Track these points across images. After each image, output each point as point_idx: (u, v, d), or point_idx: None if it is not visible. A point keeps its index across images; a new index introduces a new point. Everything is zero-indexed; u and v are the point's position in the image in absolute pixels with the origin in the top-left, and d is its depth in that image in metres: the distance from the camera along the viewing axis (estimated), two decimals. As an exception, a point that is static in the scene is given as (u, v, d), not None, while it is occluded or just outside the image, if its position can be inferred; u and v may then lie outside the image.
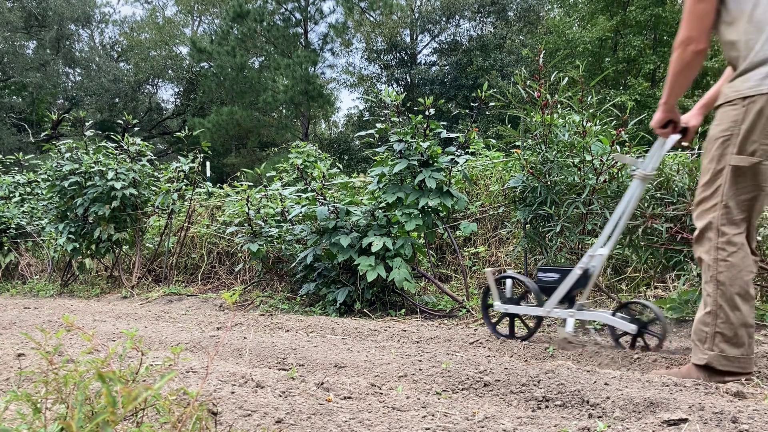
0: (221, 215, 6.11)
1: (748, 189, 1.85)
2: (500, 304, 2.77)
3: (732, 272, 1.85)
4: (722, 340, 1.83)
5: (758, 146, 1.81)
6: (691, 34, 1.91)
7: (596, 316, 2.54)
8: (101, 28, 31.57)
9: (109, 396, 0.82)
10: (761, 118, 1.79)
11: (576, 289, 2.50)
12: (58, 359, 1.07)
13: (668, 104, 2.08)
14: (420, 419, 1.42)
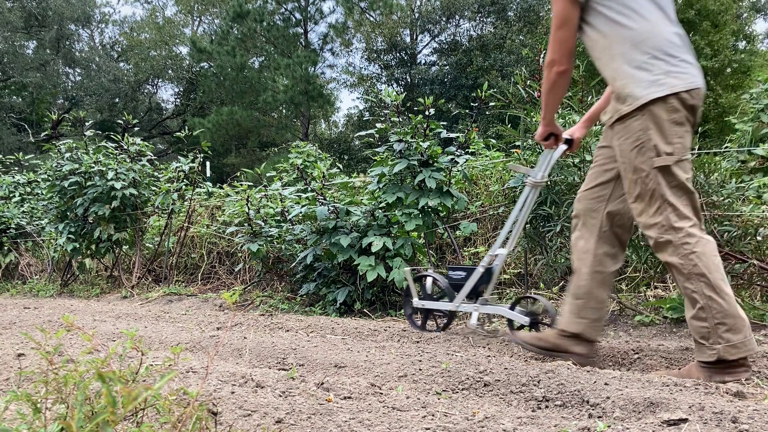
0: (221, 215, 6.11)
1: (678, 184, 1.93)
2: (417, 300, 3.04)
3: (705, 261, 1.88)
4: (725, 330, 1.84)
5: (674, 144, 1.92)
6: (554, 57, 2.08)
7: (497, 310, 2.77)
8: (101, 28, 31.58)
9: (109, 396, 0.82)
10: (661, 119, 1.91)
11: (481, 285, 2.75)
12: (58, 359, 1.07)
13: (546, 119, 2.29)
14: (420, 419, 1.42)
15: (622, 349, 2.43)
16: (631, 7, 1.98)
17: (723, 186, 2.88)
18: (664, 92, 1.90)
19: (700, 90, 1.95)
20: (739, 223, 2.80)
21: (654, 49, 1.94)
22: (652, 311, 3.13)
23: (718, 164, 2.97)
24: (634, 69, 1.95)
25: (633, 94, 1.95)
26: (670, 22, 2.01)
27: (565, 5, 2.03)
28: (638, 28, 1.96)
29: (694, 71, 1.96)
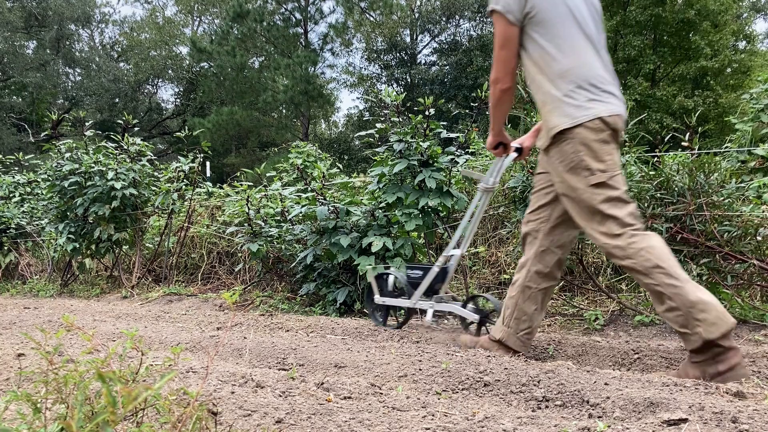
0: (221, 215, 6.11)
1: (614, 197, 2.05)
2: (379, 297, 3.19)
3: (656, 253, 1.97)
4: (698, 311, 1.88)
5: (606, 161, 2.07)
6: (497, 76, 2.22)
7: (450, 307, 2.89)
8: (101, 28, 31.58)
9: (109, 396, 0.82)
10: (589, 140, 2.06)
11: (436, 283, 2.90)
12: (58, 359, 1.07)
13: (495, 130, 2.43)
14: (420, 419, 1.42)
15: (622, 349, 2.43)
16: (561, 37, 2.12)
17: (723, 186, 2.88)
18: (589, 117, 2.05)
19: (621, 116, 2.10)
20: (739, 223, 2.79)
21: (579, 79, 2.08)
22: (652, 311, 3.13)
23: (718, 164, 2.96)
24: (561, 96, 2.09)
25: (560, 119, 2.09)
26: (597, 55, 2.15)
27: (505, 27, 2.16)
28: (565, 60, 2.10)
29: (615, 101, 2.11)
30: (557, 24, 2.12)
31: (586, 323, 3.18)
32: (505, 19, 2.15)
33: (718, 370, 1.87)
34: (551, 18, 2.12)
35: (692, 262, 2.86)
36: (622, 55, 19.22)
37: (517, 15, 2.14)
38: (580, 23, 2.14)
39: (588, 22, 2.17)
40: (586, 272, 3.46)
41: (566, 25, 2.13)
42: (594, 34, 2.17)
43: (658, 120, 17.38)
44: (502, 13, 2.15)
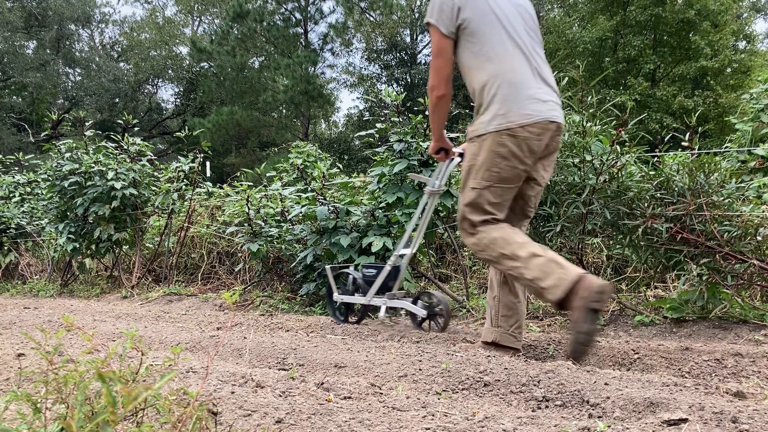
0: (221, 215, 6.11)
1: (492, 206, 2.28)
2: (338, 294, 3.34)
3: (492, 244, 2.23)
4: (552, 285, 2.05)
5: (491, 173, 2.25)
6: (433, 83, 2.36)
7: (401, 304, 3.06)
8: (101, 28, 31.59)
9: (109, 396, 0.82)
10: (490, 150, 2.23)
11: (389, 281, 3.08)
12: (58, 359, 1.07)
13: (435, 136, 2.57)
14: (420, 419, 1.42)
15: (622, 349, 2.43)
16: (491, 46, 2.25)
17: (723, 186, 2.88)
18: (497, 127, 2.21)
19: (539, 123, 2.21)
20: (739, 223, 2.79)
21: (498, 90, 2.21)
22: (652, 311, 3.13)
23: (718, 164, 2.96)
24: (486, 103, 2.24)
25: (477, 125, 2.27)
26: (527, 63, 2.26)
27: (439, 38, 2.30)
28: (492, 68, 2.23)
29: (537, 107, 2.21)
30: (487, 34, 2.25)
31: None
32: (439, 32, 2.29)
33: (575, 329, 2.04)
34: (481, 28, 2.26)
35: (692, 262, 2.86)
36: (622, 55, 19.22)
37: (450, 27, 2.28)
38: (510, 33, 2.27)
39: (519, 31, 2.29)
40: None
41: (495, 35, 2.25)
42: (525, 43, 2.29)
43: (658, 120, 17.38)
44: (436, 26, 2.30)
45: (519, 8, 2.35)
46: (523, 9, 2.38)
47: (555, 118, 2.26)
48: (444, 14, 2.29)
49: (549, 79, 2.31)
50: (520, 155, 2.22)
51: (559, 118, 2.29)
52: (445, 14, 2.29)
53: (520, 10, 2.35)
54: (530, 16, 2.39)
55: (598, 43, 19.58)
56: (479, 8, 2.27)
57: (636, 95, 17.72)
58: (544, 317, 3.40)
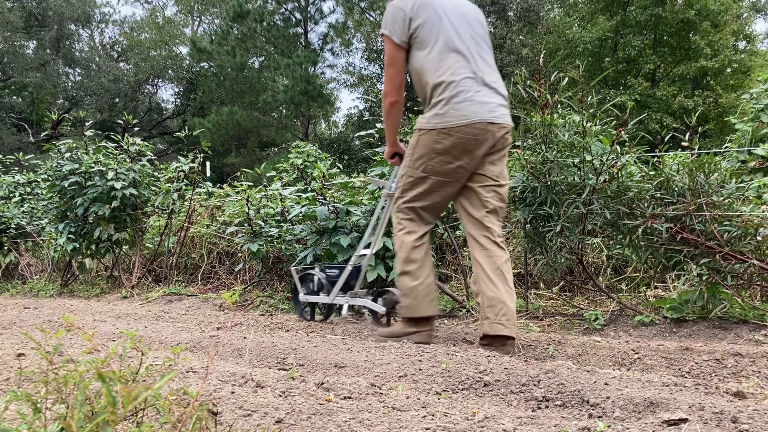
0: (221, 215, 6.11)
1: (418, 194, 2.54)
2: (303, 294, 3.48)
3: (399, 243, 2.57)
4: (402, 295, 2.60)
5: (426, 164, 2.47)
6: (386, 90, 2.56)
7: (362, 302, 3.22)
8: (101, 28, 31.59)
9: (109, 396, 0.82)
10: (426, 145, 2.45)
11: (351, 281, 3.23)
12: (58, 359, 1.07)
13: (390, 141, 2.72)
14: (420, 419, 1.42)
15: (622, 349, 2.43)
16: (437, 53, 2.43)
17: (723, 186, 2.88)
18: (435, 126, 2.41)
19: (476, 124, 2.38)
20: (739, 223, 2.79)
21: (441, 91, 2.40)
22: (652, 311, 3.13)
23: (718, 164, 2.96)
24: (430, 103, 2.45)
25: (420, 120, 2.49)
26: (470, 69, 2.43)
27: (393, 48, 2.51)
28: (437, 74, 2.41)
29: (475, 108, 2.38)
30: (435, 42, 2.44)
31: (586, 323, 3.18)
32: (392, 42, 2.50)
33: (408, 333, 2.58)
34: (430, 37, 2.44)
35: (692, 262, 2.86)
36: (622, 55, 19.22)
37: (402, 37, 2.48)
38: (456, 42, 2.44)
39: (466, 40, 2.47)
40: (586, 272, 3.46)
41: (442, 43, 2.43)
42: (471, 50, 2.46)
43: (658, 120, 17.38)
44: (389, 37, 2.50)
45: (467, 17, 2.53)
46: (472, 17, 2.56)
47: (494, 119, 2.42)
48: (396, 25, 2.48)
49: (492, 83, 2.47)
50: (454, 153, 2.42)
51: (500, 119, 2.44)
52: (398, 25, 2.48)
53: (468, 19, 2.53)
54: (479, 24, 2.57)
55: (598, 43, 19.59)
56: (429, 18, 2.45)
57: (636, 95, 17.72)
58: (544, 317, 3.40)
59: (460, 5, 2.57)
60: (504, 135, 2.47)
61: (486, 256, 2.45)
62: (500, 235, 2.53)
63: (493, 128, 2.41)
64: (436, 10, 2.47)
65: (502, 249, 2.49)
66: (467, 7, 2.59)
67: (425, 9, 2.47)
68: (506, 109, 2.50)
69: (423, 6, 2.47)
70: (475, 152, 2.43)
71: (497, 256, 2.46)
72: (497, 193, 2.53)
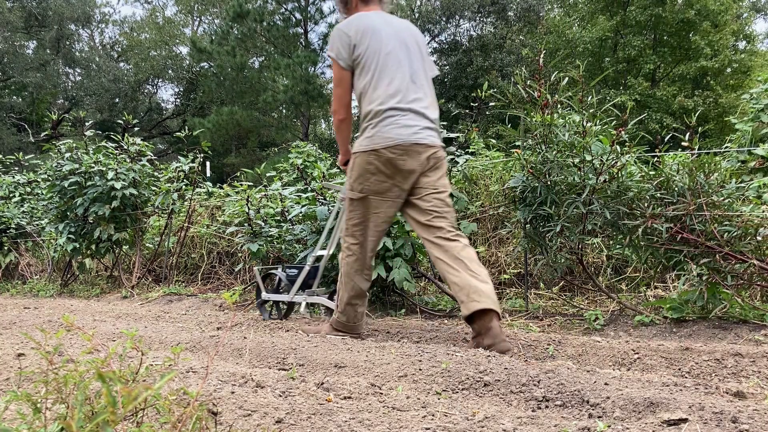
0: (221, 215, 6.11)
1: (360, 215, 2.71)
2: (265, 293, 3.65)
3: (346, 269, 2.75)
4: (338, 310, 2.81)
5: (363, 185, 2.65)
6: (335, 108, 2.75)
7: (320, 300, 3.38)
8: (101, 28, 31.58)
9: (109, 396, 0.82)
10: (360, 166, 2.64)
11: (309, 280, 3.42)
12: (58, 359, 1.07)
13: (342, 150, 2.89)
14: (420, 419, 1.42)
15: (622, 349, 2.43)
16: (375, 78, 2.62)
17: (723, 186, 2.88)
18: (365, 148, 2.61)
19: (401, 146, 2.57)
20: (739, 223, 2.79)
21: (373, 116, 2.59)
22: (652, 311, 3.13)
23: (718, 164, 2.96)
24: (364, 125, 2.65)
25: (356, 144, 2.68)
26: (402, 95, 2.60)
27: (339, 70, 2.69)
28: (373, 97, 2.61)
29: (399, 132, 2.57)
30: (373, 68, 2.62)
31: (586, 323, 3.18)
32: (339, 65, 2.67)
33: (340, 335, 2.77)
34: (369, 63, 2.62)
35: (692, 262, 2.86)
36: (622, 55, 19.21)
37: (347, 61, 2.66)
38: (391, 68, 2.62)
39: (402, 66, 2.65)
40: (586, 272, 3.46)
41: (378, 69, 2.61)
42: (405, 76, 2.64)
43: (658, 120, 17.38)
44: (336, 60, 2.67)
45: (407, 43, 2.71)
46: (412, 42, 2.73)
47: (420, 140, 2.60)
48: (342, 49, 2.66)
49: (421, 109, 2.64)
50: (386, 172, 2.61)
51: (425, 139, 2.62)
52: (343, 49, 2.66)
53: (408, 44, 2.71)
54: (417, 49, 2.74)
55: (598, 43, 19.58)
56: (370, 46, 2.63)
57: (636, 95, 17.71)
58: (544, 317, 3.40)
59: (400, 30, 2.74)
60: (433, 154, 2.65)
61: (442, 251, 2.58)
62: (453, 229, 2.65)
63: (418, 148, 2.60)
64: (377, 37, 2.65)
65: (456, 240, 2.60)
66: (407, 32, 2.76)
67: (367, 35, 2.64)
68: (432, 131, 2.67)
69: (365, 32, 2.64)
70: (405, 171, 2.61)
71: (452, 247, 2.58)
72: (438, 199, 2.67)
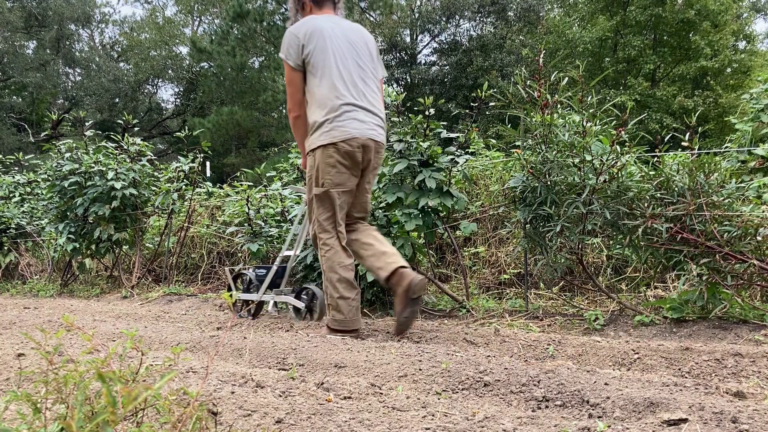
0: (221, 215, 6.11)
1: (328, 208, 2.83)
2: (236, 293, 3.82)
3: (328, 264, 2.82)
4: (333, 309, 2.82)
5: (323, 178, 2.78)
6: (289, 107, 2.89)
7: (286, 298, 3.50)
8: (101, 28, 31.56)
9: (109, 396, 0.82)
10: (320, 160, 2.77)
11: (277, 279, 3.58)
12: (58, 359, 1.07)
13: (302, 151, 3.00)
14: (420, 419, 1.42)
15: (622, 349, 2.43)
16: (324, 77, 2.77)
17: (723, 186, 2.88)
18: (324, 142, 2.75)
19: (358, 139, 2.76)
20: (739, 223, 2.79)
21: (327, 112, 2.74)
22: (652, 311, 3.13)
23: (718, 164, 2.96)
24: (315, 123, 2.78)
25: (311, 141, 2.82)
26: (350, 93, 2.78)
27: (290, 70, 2.83)
28: (320, 96, 2.77)
29: (356, 126, 2.75)
30: (323, 68, 2.77)
31: (586, 323, 3.18)
32: (289, 65, 2.82)
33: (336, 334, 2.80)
34: (319, 63, 2.77)
35: (692, 262, 2.86)
36: (622, 55, 19.21)
37: (297, 61, 2.81)
38: (340, 69, 2.78)
39: (350, 67, 2.81)
40: (586, 272, 3.46)
41: (326, 70, 2.77)
42: (353, 76, 2.81)
43: (658, 120, 17.37)
44: (286, 60, 2.82)
45: (355, 44, 2.88)
46: (360, 44, 2.90)
47: (374, 136, 2.81)
48: (292, 50, 2.80)
49: (371, 106, 2.83)
50: (346, 164, 2.77)
51: (378, 137, 2.84)
52: (293, 50, 2.80)
53: (356, 47, 2.87)
54: (366, 50, 2.92)
55: (598, 43, 19.57)
56: (318, 46, 2.78)
57: (636, 95, 17.71)
58: (544, 317, 3.40)
59: (349, 32, 2.91)
60: (381, 152, 2.91)
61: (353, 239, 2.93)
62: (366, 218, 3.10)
63: (371, 143, 2.81)
64: (325, 39, 2.80)
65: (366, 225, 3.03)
66: (356, 34, 2.94)
67: (315, 37, 2.79)
68: (382, 129, 2.89)
69: (313, 34, 2.79)
70: (360, 163, 2.82)
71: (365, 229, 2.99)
72: (367, 194, 3.02)
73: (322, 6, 3.01)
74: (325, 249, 2.85)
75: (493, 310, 3.61)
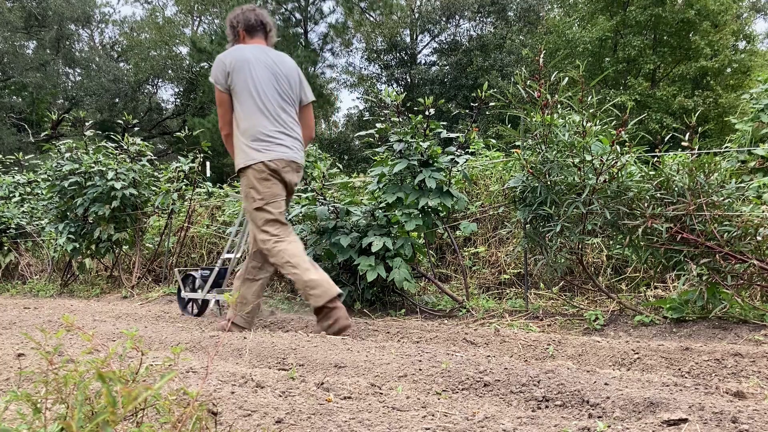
0: (221, 215, 6.11)
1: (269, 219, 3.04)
2: (185, 292, 4.00)
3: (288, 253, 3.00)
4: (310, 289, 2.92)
5: (259, 192, 3.03)
6: (220, 125, 3.18)
7: (220, 297, 3.69)
8: (101, 28, 31.54)
9: (109, 396, 0.82)
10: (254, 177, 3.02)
11: (219, 279, 3.79)
12: (58, 359, 1.07)
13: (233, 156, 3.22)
14: (420, 419, 1.42)
15: (622, 349, 2.43)
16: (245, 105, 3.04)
17: (723, 186, 2.88)
18: (253, 161, 3.00)
19: (282, 159, 3.04)
20: (739, 223, 2.79)
21: (252, 137, 3.01)
22: (652, 311, 3.13)
23: (718, 164, 2.96)
24: (242, 146, 3.05)
25: (239, 161, 3.07)
26: (268, 119, 3.04)
27: (219, 93, 3.10)
28: (244, 122, 3.04)
29: (280, 149, 3.04)
30: (244, 96, 3.03)
31: (586, 323, 3.18)
32: (218, 88, 3.08)
33: (328, 324, 2.86)
34: (242, 91, 3.03)
35: (692, 262, 2.86)
36: (622, 55, 19.20)
37: (224, 85, 3.07)
38: (260, 96, 3.03)
39: (270, 96, 3.05)
40: (586, 272, 3.46)
41: (248, 97, 3.03)
42: (273, 104, 3.05)
43: (658, 120, 17.37)
44: (215, 84, 3.08)
45: (276, 75, 3.10)
46: (282, 74, 3.12)
47: (294, 158, 3.10)
48: (219, 75, 3.06)
49: (290, 131, 3.11)
50: (275, 178, 3.04)
51: (297, 159, 3.12)
52: (221, 75, 3.06)
53: (277, 76, 3.10)
54: (286, 81, 3.13)
55: (598, 43, 19.56)
56: (241, 76, 3.03)
57: (636, 95, 17.71)
58: (544, 317, 3.40)
59: (272, 62, 3.12)
60: (297, 173, 3.17)
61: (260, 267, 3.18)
62: None
63: (295, 166, 3.12)
64: (249, 69, 3.03)
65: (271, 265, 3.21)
66: (279, 65, 3.14)
67: (239, 65, 3.03)
68: (301, 153, 3.17)
69: (238, 62, 3.04)
70: (284, 181, 3.08)
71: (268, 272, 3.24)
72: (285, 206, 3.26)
73: (254, 35, 3.24)
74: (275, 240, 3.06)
75: (493, 310, 3.61)
